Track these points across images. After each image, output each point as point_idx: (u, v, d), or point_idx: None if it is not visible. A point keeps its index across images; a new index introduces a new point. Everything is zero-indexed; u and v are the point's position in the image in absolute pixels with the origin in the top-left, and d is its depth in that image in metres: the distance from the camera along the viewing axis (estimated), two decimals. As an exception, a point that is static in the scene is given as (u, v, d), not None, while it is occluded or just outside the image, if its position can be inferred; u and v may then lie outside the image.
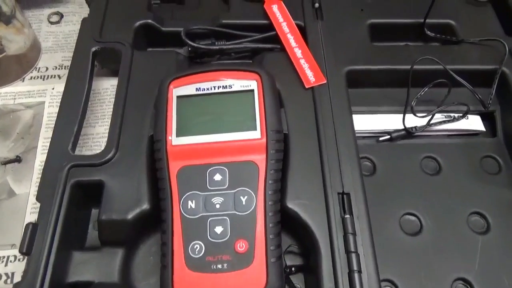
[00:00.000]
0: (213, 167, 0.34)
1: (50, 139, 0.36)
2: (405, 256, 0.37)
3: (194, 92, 0.37)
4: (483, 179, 0.40)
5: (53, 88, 0.46)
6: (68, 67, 0.41)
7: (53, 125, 0.37)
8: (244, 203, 0.33)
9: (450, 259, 0.36)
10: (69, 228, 0.33)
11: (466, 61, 0.44)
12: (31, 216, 0.39)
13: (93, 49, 0.41)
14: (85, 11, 0.47)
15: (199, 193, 0.33)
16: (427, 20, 0.46)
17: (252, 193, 0.33)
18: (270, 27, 0.44)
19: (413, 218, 0.38)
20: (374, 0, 0.50)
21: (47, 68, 0.48)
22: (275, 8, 0.45)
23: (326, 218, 0.34)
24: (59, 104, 0.38)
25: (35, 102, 0.46)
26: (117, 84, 0.39)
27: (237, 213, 0.32)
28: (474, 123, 0.43)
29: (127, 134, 0.37)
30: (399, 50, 0.45)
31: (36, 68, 0.48)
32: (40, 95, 0.46)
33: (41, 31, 0.52)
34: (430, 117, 0.42)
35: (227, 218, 0.32)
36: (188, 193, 0.33)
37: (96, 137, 0.43)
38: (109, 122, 0.37)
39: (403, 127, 0.42)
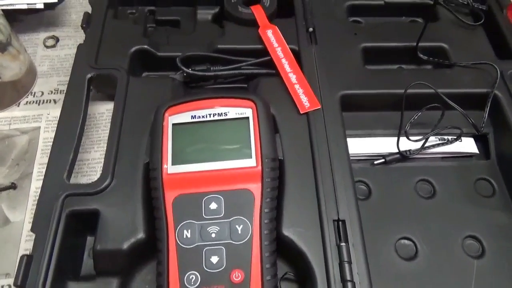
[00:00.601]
0: (209, 196, 0.34)
1: (45, 165, 0.36)
2: (401, 281, 0.36)
3: (189, 119, 0.37)
4: (478, 202, 0.41)
5: (48, 113, 0.46)
6: (64, 92, 0.41)
7: (48, 151, 0.37)
8: (239, 232, 0.33)
9: (446, 284, 0.36)
10: (64, 258, 0.33)
11: (458, 84, 0.44)
12: (26, 244, 0.38)
13: (89, 75, 0.42)
14: (81, 35, 0.47)
15: (194, 222, 0.33)
16: (420, 44, 0.46)
17: (248, 222, 0.33)
18: (265, 51, 0.45)
19: (408, 242, 0.38)
20: (367, 24, 0.51)
21: (42, 93, 0.48)
22: (269, 33, 0.45)
23: (322, 246, 0.34)
24: (54, 130, 0.38)
25: (30, 128, 0.46)
26: (113, 111, 0.39)
27: (232, 242, 0.32)
28: (467, 145, 0.44)
29: (122, 162, 0.37)
30: (393, 74, 0.46)
31: (32, 93, 0.48)
32: (35, 120, 0.46)
33: (36, 55, 0.52)
34: (424, 140, 0.42)
35: (223, 248, 0.32)
36: (183, 222, 0.33)
37: (92, 162, 0.43)
38: (105, 148, 0.37)
39: (397, 151, 0.42)
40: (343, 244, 0.34)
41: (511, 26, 0.49)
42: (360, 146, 0.43)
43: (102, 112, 0.46)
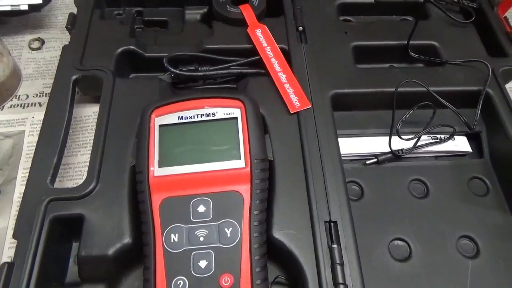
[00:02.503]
0: (197, 198, 0.33)
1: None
2: (395, 283, 0.36)
3: (176, 120, 0.36)
4: (472, 201, 0.40)
5: (33, 117, 0.45)
6: (49, 94, 0.40)
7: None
8: (228, 235, 0.32)
9: (440, 285, 0.36)
10: (47, 265, 0.32)
11: (450, 82, 0.44)
12: (10, 251, 0.37)
13: (74, 77, 0.41)
14: (67, 37, 0.46)
15: (182, 225, 0.32)
16: (411, 42, 0.46)
17: (237, 225, 0.32)
18: (254, 51, 0.44)
19: (402, 243, 0.38)
20: (358, 22, 0.51)
21: (27, 96, 0.47)
22: (258, 32, 0.45)
23: (313, 248, 0.33)
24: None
25: (15, 131, 0.44)
26: (98, 113, 0.39)
27: (221, 245, 0.32)
28: (460, 144, 0.43)
29: (108, 165, 0.36)
30: (384, 73, 0.45)
31: (16, 96, 0.47)
32: (20, 124, 0.45)
33: (21, 57, 0.51)
34: (416, 139, 0.41)
35: (212, 251, 0.31)
36: (171, 226, 0.32)
37: (78, 166, 0.42)
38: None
39: (389, 150, 0.41)
40: (335, 246, 0.33)
41: (502, 24, 0.48)
42: (351, 145, 0.42)
43: (89, 115, 0.45)
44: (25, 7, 0.48)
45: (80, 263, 0.33)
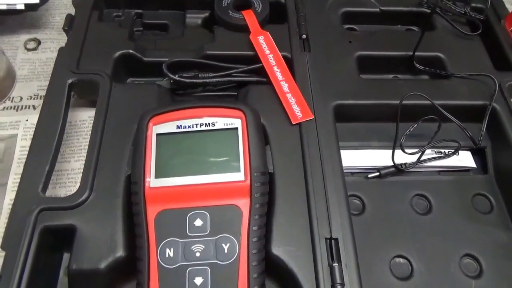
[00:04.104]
0: (194, 212, 0.32)
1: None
2: (396, 303, 0.35)
3: (174, 129, 0.35)
4: (475, 218, 0.39)
5: (27, 120, 0.44)
6: (43, 98, 0.39)
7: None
8: (226, 251, 0.31)
9: (442, 306, 0.35)
10: (36, 278, 0.31)
11: (456, 96, 0.43)
12: (-2, 261, 0.36)
13: (69, 81, 0.39)
14: (64, 38, 0.45)
15: (178, 240, 0.31)
16: (416, 53, 0.45)
17: (235, 240, 0.31)
18: (256, 58, 0.43)
19: (403, 261, 0.37)
20: (362, 31, 0.50)
21: (21, 98, 0.46)
22: (261, 39, 0.44)
23: (313, 267, 0.32)
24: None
25: (6, 135, 0.43)
26: (94, 119, 0.37)
27: (218, 262, 0.30)
28: (465, 159, 0.42)
29: (102, 174, 0.35)
30: (388, 84, 0.44)
31: (10, 98, 0.46)
32: (12, 127, 0.44)
33: (16, 58, 0.49)
34: (420, 153, 0.40)
35: (208, 268, 0.30)
36: (166, 240, 0.31)
37: (71, 173, 0.41)
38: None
39: (392, 164, 0.40)
40: (335, 264, 0.32)
41: (509, 37, 0.47)
42: (354, 158, 0.41)
43: (84, 120, 0.44)
44: (22, 7, 0.47)
45: (70, 277, 0.31)
